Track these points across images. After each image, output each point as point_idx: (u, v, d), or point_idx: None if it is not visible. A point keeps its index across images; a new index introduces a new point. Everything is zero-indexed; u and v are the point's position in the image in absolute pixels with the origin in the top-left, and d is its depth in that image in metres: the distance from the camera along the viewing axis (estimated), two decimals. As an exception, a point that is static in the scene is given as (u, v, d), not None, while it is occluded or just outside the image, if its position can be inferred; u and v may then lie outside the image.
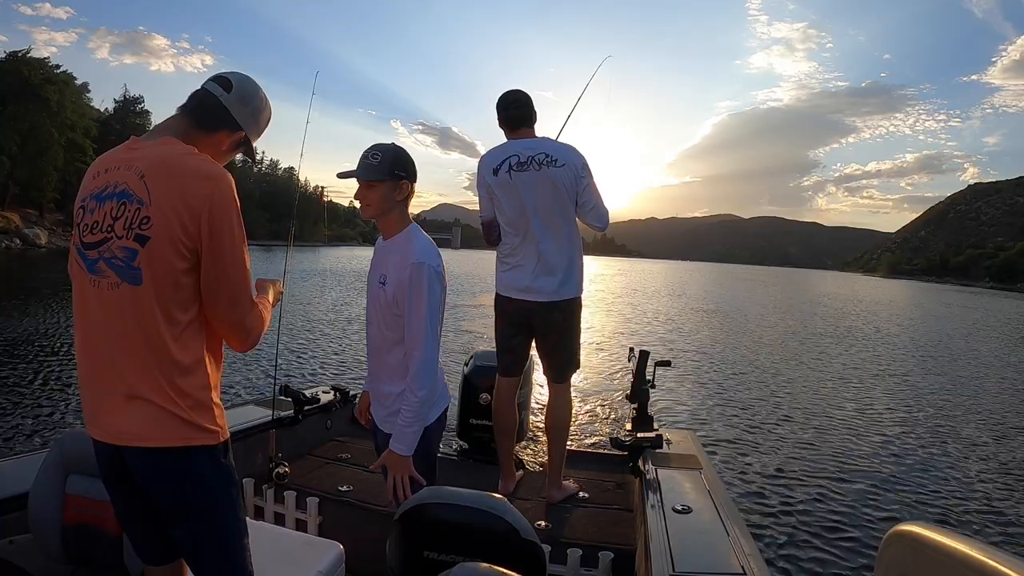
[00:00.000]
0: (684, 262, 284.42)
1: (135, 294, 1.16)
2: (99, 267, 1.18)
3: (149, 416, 1.18)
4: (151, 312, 1.17)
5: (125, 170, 1.19)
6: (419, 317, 1.67)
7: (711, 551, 1.69)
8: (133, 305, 1.16)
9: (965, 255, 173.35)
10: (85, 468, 1.60)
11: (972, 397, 8.76)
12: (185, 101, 1.30)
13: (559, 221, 2.55)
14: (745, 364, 10.36)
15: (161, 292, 1.17)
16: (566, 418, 2.74)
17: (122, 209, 1.16)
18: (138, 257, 1.15)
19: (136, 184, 1.16)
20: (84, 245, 1.20)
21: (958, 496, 4.69)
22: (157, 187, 1.15)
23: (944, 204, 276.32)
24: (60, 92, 40.96)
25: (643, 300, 24.97)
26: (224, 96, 1.30)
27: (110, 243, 1.17)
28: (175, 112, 1.30)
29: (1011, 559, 0.83)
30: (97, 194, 1.21)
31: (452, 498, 1.36)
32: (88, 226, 1.20)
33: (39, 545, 1.64)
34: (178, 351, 1.19)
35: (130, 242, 1.15)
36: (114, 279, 1.17)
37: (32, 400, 5.78)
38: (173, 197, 1.15)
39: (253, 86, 1.35)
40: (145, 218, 1.15)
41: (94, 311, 1.20)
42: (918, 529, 1.00)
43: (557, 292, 2.57)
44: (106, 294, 1.18)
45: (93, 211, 1.20)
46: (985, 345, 15.80)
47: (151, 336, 1.17)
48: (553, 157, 2.51)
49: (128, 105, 55.54)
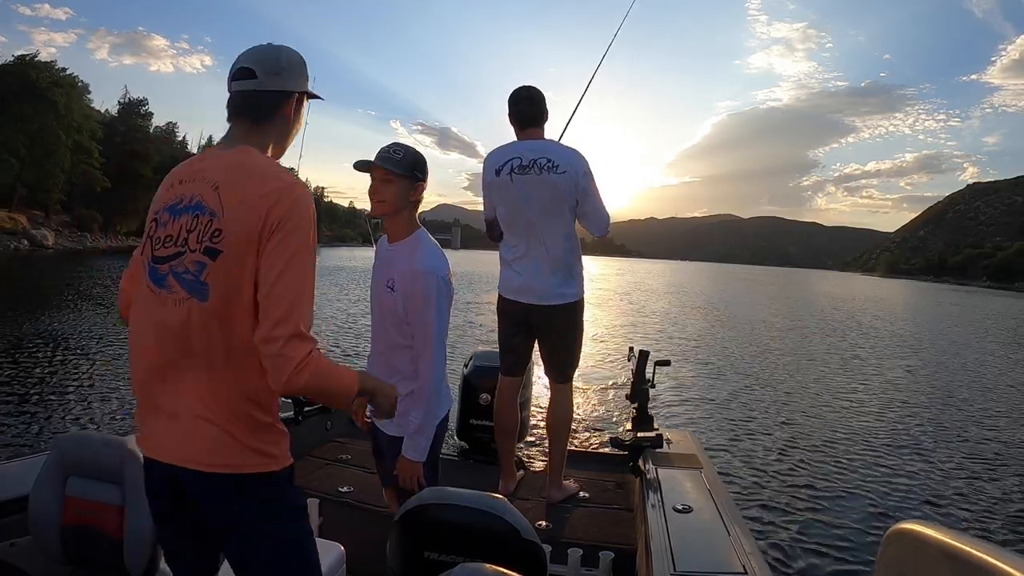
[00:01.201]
0: (684, 262, 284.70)
1: (201, 310, 1.11)
2: (168, 281, 1.14)
3: (207, 438, 1.12)
4: (215, 329, 1.11)
5: (200, 181, 1.16)
6: (429, 329, 1.69)
7: (712, 551, 1.69)
8: (198, 321, 1.11)
9: (963, 255, 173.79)
10: (84, 470, 1.60)
11: (971, 396, 8.76)
12: (230, 110, 1.24)
13: (558, 225, 2.56)
14: (745, 363, 10.37)
15: (227, 308, 1.11)
16: (567, 418, 2.74)
17: (195, 222, 1.12)
18: (207, 271, 1.10)
19: (210, 196, 1.13)
20: (155, 259, 1.16)
21: (959, 494, 4.69)
22: (229, 199, 1.11)
23: (943, 204, 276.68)
24: (67, 95, 41.54)
25: (643, 299, 24.97)
26: (257, 83, 1.22)
27: (183, 257, 1.12)
28: (230, 123, 1.25)
29: (1012, 557, 0.83)
30: (171, 206, 1.17)
31: (452, 498, 1.36)
32: (161, 239, 1.16)
33: (39, 547, 1.64)
34: (242, 372, 1.13)
35: (201, 256, 1.11)
36: (182, 294, 1.12)
37: (32, 403, 5.78)
38: (244, 209, 1.10)
39: (268, 53, 1.24)
40: (217, 231, 1.10)
41: (156, 325, 1.15)
42: (918, 528, 1.00)
43: (556, 295, 2.58)
44: (171, 309, 1.13)
45: (167, 224, 1.16)
46: (983, 343, 15.81)
47: (214, 355, 1.12)
48: (555, 163, 2.51)
49: (132, 107, 55.79)
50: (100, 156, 44.03)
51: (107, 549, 1.57)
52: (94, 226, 46.18)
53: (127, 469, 1.56)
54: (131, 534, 1.55)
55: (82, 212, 45.43)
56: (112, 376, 7.04)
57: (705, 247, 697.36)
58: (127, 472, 1.56)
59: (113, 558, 1.57)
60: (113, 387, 6.54)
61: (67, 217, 44.58)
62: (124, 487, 1.56)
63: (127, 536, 1.56)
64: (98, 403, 5.94)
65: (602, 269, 66.85)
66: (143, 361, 1.18)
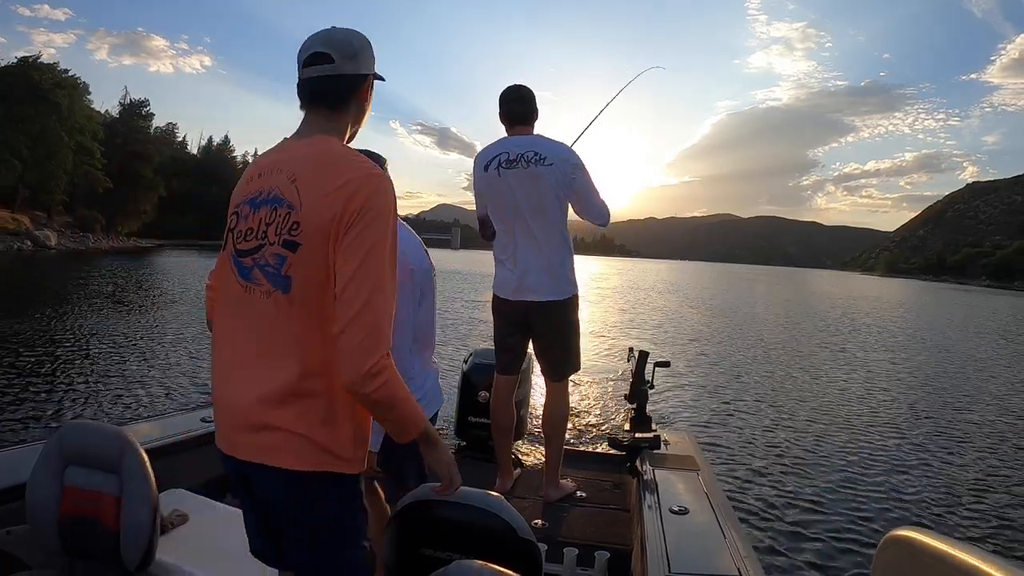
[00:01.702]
0: (683, 262, 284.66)
1: (284, 302, 1.10)
2: (254, 275, 1.13)
3: (281, 436, 1.10)
4: (297, 322, 1.10)
5: (277, 173, 1.14)
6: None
7: (707, 552, 1.70)
8: (281, 315, 1.10)
9: (962, 254, 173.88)
10: (84, 460, 1.60)
11: (969, 401, 8.78)
12: (306, 97, 1.21)
13: (547, 219, 2.54)
14: (744, 366, 10.37)
15: (309, 302, 1.09)
16: (563, 417, 2.74)
17: (273, 214, 1.11)
18: (287, 264, 1.09)
19: (287, 188, 1.12)
20: (238, 252, 1.16)
21: (955, 501, 4.70)
22: (307, 190, 1.10)
23: (942, 203, 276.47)
24: (69, 96, 41.89)
25: (642, 298, 24.98)
26: (335, 67, 1.18)
27: (263, 250, 1.12)
28: (304, 111, 1.22)
29: (1008, 565, 0.83)
30: (252, 199, 1.16)
31: (449, 495, 1.37)
32: (242, 233, 1.16)
33: (36, 536, 1.64)
34: (323, 368, 1.10)
35: (280, 248, 1.10)
36: (267, 287, 1.11)
37: (32, 391, 5.79)
38: (322, 201, 1.08)
39: (342, 36, 1.21)
40: (295, 223, 1.09)
41: (241, 319, 1.15)
42: (914, 534, 1.00)
43: (549, 291, 2.56)
44: (259, 302, 1.12)
45: (247, 217, 1.16)
46: (983, 346, 15.83)
47: (296, 349, 1.10)
48: (542, 155, 2.49)
49: (133, 108, 56.00)
50: (102, 157, 44.25)
51: (104, 539, 1.57)
52: (96, 227, 46.34)
53: (126, 459, 1.56)
54: (128, 524, 1.55)
55: (84, 213, 45.63)
56: (111, 368, 7.06)
57: (705, 247, 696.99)
58: (125, 462, 1.56)
59: (110, 548, 1.57)
60: (113, 378, 6.56)
61: (69, 218, 44.83)
62: (122, 477, 1.56)
63: (124, 526, 1.55)
64: (98, 393, 5.95)
65: (602, 269, 66.83)
66: (226, 354, 1.18)
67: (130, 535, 1.55)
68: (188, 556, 1.68)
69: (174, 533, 1.77)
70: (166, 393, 6.11)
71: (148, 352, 8.00)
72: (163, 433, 2.38)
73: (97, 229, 46.27)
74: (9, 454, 1.97)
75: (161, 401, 5.82)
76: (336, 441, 1.12)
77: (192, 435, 2.39)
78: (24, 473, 1.67)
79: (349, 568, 1.20)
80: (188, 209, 58.39)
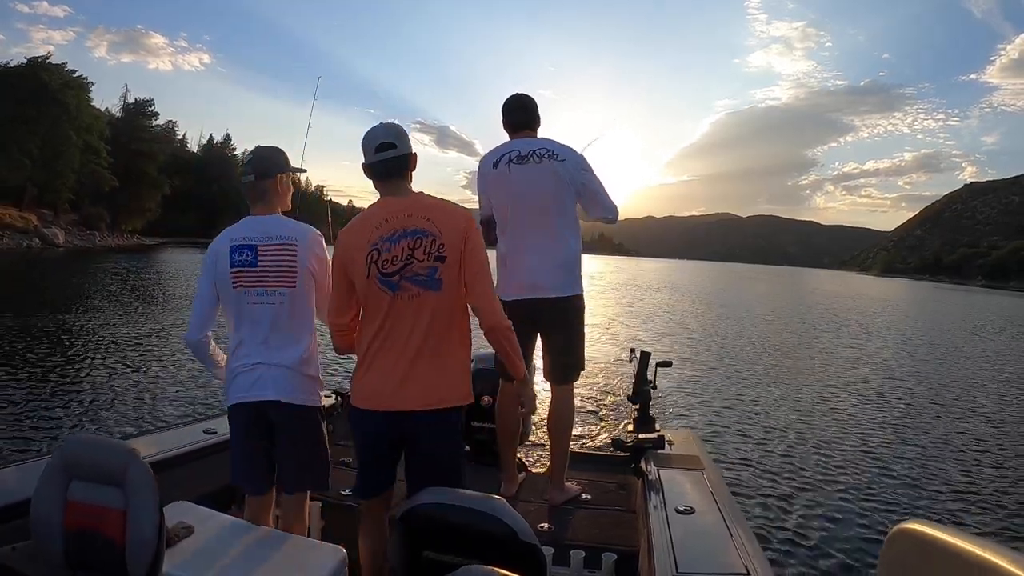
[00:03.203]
0: (682, 261, 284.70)
1: (436, 296, 1.71)
2: (401, 285, 1.71)
3: (443, 382, 1.75)
4: (447, 308, 1.73)
5: (410, 217, 1.73)
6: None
7: (714, 552, 1.69)
8: (433, 305, 1.71)
9: (958, 254, 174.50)
10: (87, 474, 1.59)
11: (973, 395, 8.77)
12: (384, 175, 1.78)
13: (563, 214, 2.55)
14: (746, 364, 10.38)
15: (453, 293, 1.72)
16: (568, 420, 2.73)
17: (418, 242, 1.70)
18: (439, 272, 1.70)
19: (426, 224, 1.72)
20: (383, 274, 1.71)
21: (962, 493, 4.70)
22: (443, 225, 1.72)
23: (940, 203, 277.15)
24: (78, 96, 42.81)
25: (643, 297, 24.98)
26: (401, 148, 1.78)
27: (411, 266, 1.70)
28: (380, 187, 1.80)
29: (1016, 556, 0.83)
30: (389, 236, 1.72)
31: (452, 499, 1.38)
32: (388, 260, 1.71)
33: (41, 551, 1.63)
34: (458, 332, 1.78)
35: (432, 262, 1.70)
36: (414, 291, 1.70)
37: (34, 407, 5.77)
38: (454, 231, 1.72)
39: (394, 129, 1.80)
40: (441, 245, 1.70)
41: (391, 315, 1.72)
42: (921, 527, 1.00)
43: (562, 287, 2.56)
44: (404, 301, 1.71)
45: (389, 250, 1.71)
46: (985, 343, 15.83)
47: (444, 324, 1.74)
48: (555, 152, 2.54)
49: (139, 107, 56.94)
50: (108, 156, 45.22)
51: (109, 553, 1.56)
52: (102, 225, 47.20)
53: (130, 472, 1.55)
54: (133, 538, 1.54)
55: (90, 211, 46.43)
56: (115, 380, 7.03)
57: (703, 246, 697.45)
58: (130, 475, 1.55)
59: (115, 562, 1.56)
60: (116, 390, 6.53)
61: (75, 216, 45.76)
62: (126, 491, 1.56)
63: (129, 540, 1.55)
64: (101, 406, 5.93)
65: (601, 267, 66.87)
66: (383, 338, 1.74)
67: (135, 549, 1.54)
68: (194, 569, 1.67)
69: (180, 546, 1.76)
70: (170, 404, 6.10)
71: (152, 363, 7.97)
72: (167, 446, 2.37)
73: (103, 227, 47.17)
74: (13, 470, 1.97)
75: (165, 413, 5.81)
76: (468, 380, 1.86)
77: (196, 447, 2.38)
78: (28, 489, 1.67)
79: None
80: (188, 207, 58.90)
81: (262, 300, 1.89)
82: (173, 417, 5.58)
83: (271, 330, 1.91)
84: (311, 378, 1.96)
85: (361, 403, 1.78)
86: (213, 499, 2.14)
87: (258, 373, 1.90)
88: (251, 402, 1.91)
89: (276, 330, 1.91)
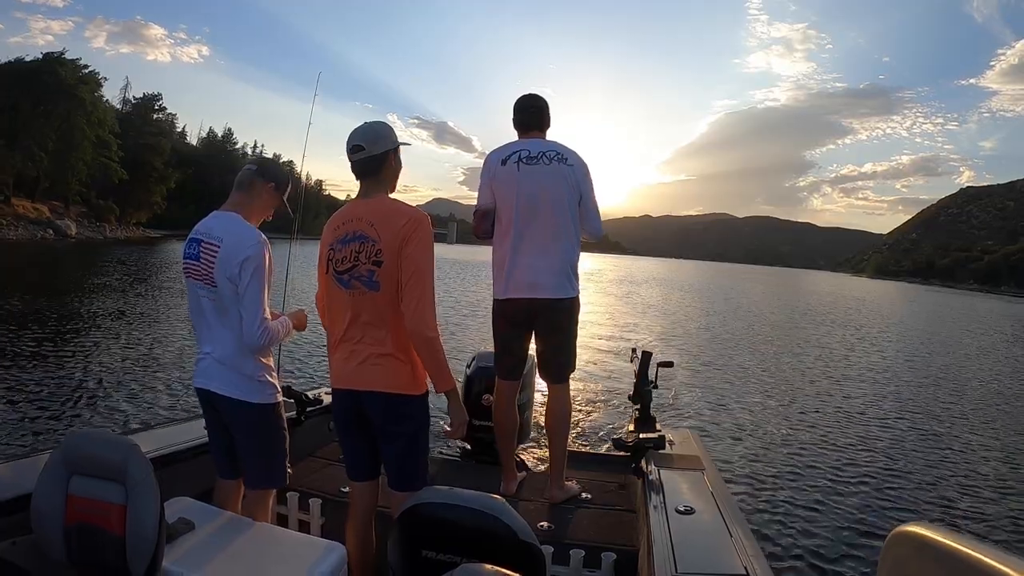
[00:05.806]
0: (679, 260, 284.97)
1: (376, 296, 1.84)
2: (352, 284, 1.86)
3: (391, 371, 1.85)
4: (386, 306, 1.84)
5: (357, 221, 1.86)
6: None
7: (714, 552, 1.70)
8: (375, 302, 1.84)
9: (951, 257, 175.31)
10: (88, 469, 1.59)
11: (973, 398, 8.82)
12: (359, 176, 1.90)
13: (566, 217, 2.57)
14: (747, 364, 10.41)
15: (391, 294, 1.83)
16: (565, 418, 2.74)
17: (362, 247, 1.84)
18: (376, 274, 1.83)
19: (370, 230, 1.84)
20: (337, 272, 1.88)
21: (962, 496, 4.72)
22: (383, 230, 1.83)
23: (936, 207, 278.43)
24: (91, 92, 44.07)
25: (641, 297, 25.01)
26: (370, 149, 1.88)
27: (357, 267, 1.85)
28: (360, 185, 1.92)
29: (1016, 560, 0.84)
30: (341, 239, 1.88)
31: (451, 498, 1.38)
32: (339, 260, 1.87)
33: (41, 546, 1.63)
34: (399, 329, 1.85)
35: (371, 266, 1.83)
36: (363, 289, 1.85)
37: (35, 402, 5.73)
38: (392, 235, 1.81)
39: (367, 129, 1.90)
40: (379, 250, 1.82)
41: (350, 308, 1.87)
42: (921, 530, 1.00)
43: (559, 289, 2.57)
44: (358, 298, 1.86)
45: (340, 250, 1.87)
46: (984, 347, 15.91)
47: (384, 320, 1.85)
48: (563, 156, 2.58)
49: (148, 102, 57.83)
50: (120, 150, 46.30)
51: (110, 548, 1.56)
52: (111, 216, 48.23)
53: (130, 468, 1.55)
54: (133, 533, 1.54)
55: (99, 203, 47.34)
56: (118, 374, 6.99)
57: (700, 245, 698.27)
58: (130, 471, 1.55)
59: (115, 557, 1.56)
60: (118, 386, 6.49)
61: (84, 208, 46.82)
62: (127, 486, 1.55)
63: (129, 535, 1.55)
64: (102, 401, 5.90)
65: (599, 265, 66.90)
66: (341, 329, 1.90)
67: (136, 544, 1.54)
68: (194, 564, 1.67)
69: (180, 541, 1.76)
70: (172, 399, 6.07)
71: (154, 358, 7.90)
72: (168, 441, 2.37)
73: (111, 219, 48.23)
74: (14, 465, 1.96)
75: (166, 408, 5.78)
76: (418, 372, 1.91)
77: (197, 442, 2.38)
78: (29, 483, 1.67)
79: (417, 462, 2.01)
80: (190, 200, 58.86)
81: (203, 294, 2.00)
82: (175, 412, 5.56)
83: (213, 323, 2.01)
84: (248, 376, 1.99)
85: (332, 383, 1.97)
86: (214, 495, 2.14)
87: (206, 363, 2.03)
88: (202, 389, 2.04)
89: (215, 324, 2.01)
